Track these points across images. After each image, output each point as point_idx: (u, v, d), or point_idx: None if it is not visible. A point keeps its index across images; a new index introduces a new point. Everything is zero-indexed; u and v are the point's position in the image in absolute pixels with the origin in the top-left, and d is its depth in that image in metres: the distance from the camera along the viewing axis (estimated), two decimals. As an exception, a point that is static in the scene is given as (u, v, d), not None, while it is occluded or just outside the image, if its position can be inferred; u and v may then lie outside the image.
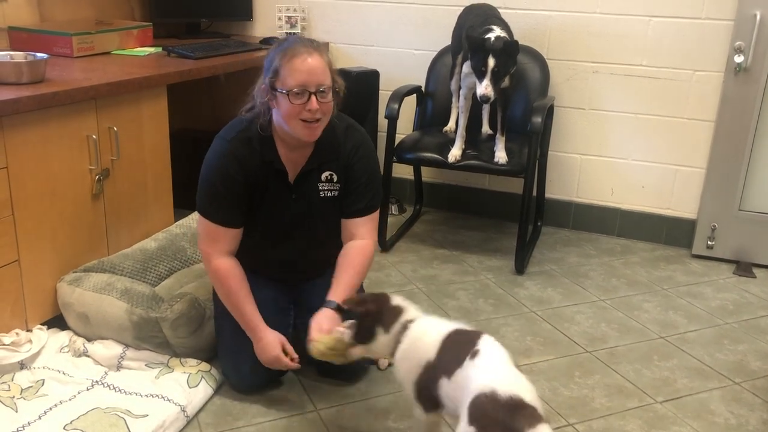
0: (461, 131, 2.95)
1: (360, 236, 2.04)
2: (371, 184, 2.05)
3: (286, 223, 2.03)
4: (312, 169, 2.00)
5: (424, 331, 1.68)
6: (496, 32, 2.69)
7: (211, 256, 1.96)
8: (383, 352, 1.75)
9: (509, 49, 2.68)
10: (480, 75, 2.68)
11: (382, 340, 1.72)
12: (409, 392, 1.69)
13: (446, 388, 1.57)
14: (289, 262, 2.11)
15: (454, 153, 2.91)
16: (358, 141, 2.04)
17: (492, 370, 1.53)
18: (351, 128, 2.05)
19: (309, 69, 1.81)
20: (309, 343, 1.82)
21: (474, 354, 1.55)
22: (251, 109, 1.96)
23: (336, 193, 2.04)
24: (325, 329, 1.83)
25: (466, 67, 2.85)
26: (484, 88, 2.66)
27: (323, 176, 2.01)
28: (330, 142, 2.00)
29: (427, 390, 1.64)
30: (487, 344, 1.59)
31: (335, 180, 2.03)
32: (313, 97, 1.82)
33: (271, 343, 1.94)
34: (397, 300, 1.77)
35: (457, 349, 1.59)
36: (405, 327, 1.70)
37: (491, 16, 2.93)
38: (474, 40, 2.68)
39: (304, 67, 1.80)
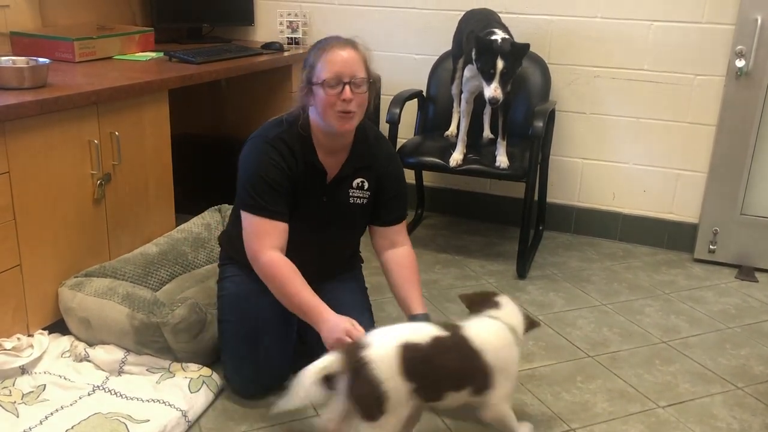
0: (462, 135, 2.95)
1: (401, 243, 2.11)
2: (404, 193, 2.13)
3: (313, 225, 2.03)
4: (347, 175, 2.02)
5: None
6: (501, 35, 2.69)
7: (259, 253, 1.88)
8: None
9: (517, 52, 2.69)
10: (488, 77, 2.67)
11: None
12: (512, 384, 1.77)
13: None
14: (305, 264, 2.10)
15: (456, 157, 2.91)
16: (390, 150, 2.11)
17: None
18: (381, 138, 2.11)
19: (343, 60, 1.84)
20: None
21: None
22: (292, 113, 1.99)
23: (365, 200, 2.06)
24: None
25: (468, 71, 2.86)
26: (493, 90, 2.66)
27: (355, 183, 2.04)
28: (364, 149, 2.03)
29: None
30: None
31: (366, 188, 2.05)
32: (347, 87, 1.85)
33: (333, 324, 1.78)
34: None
35: None
36: None
37: (492, 20, 2.93)
38: (482, 41, 2.67)
39: (338, 58, 1.84)
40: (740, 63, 2.92)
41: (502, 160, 2.88)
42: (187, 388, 2.00)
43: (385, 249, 2.11)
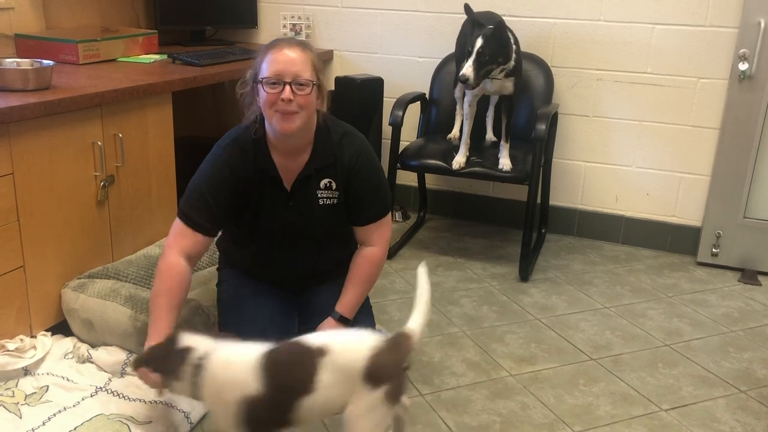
0: (465, 138, 2.95)
1: (371, 243, 2.05)
2: (378, 191, 2.04)
3: (285, 230, 2.02)
4: (309, 176, 1.98)
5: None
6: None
7: (167, 252, 1.91)
8: None
9: (499, 35, 2.68)
10: (467, 56, 2.69)
11: None
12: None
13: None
14: (291, 269, 2.11)
15: (459, 160, 2.92)
16: (357, 148, 2.01)
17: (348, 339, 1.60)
18: (348, 135, 2.02)
19: (286, 60, 1.82)
20: None
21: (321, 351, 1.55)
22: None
23: (335, 200, 2.02)
24: None
25: None
26: (466, 68, 2.66)
27: (322, 183, 2.00)
28: (326, 149, 1.98)
29: None
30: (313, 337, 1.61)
31: (334, 188, 2.01)
32: (288, 87, 1.82)
33: (152, 349, 1.74)
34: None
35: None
36: None
37: (495, 21, 2.93)
38: (466, 23, 2.70)
39: (282, 57, 1.82)
40: (743, 66, 2.92)
41: (504, 162, 2.88)
42: (190, 390, 2.00)
43: (359, 245, 2.09)
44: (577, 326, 2.60)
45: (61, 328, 2.25)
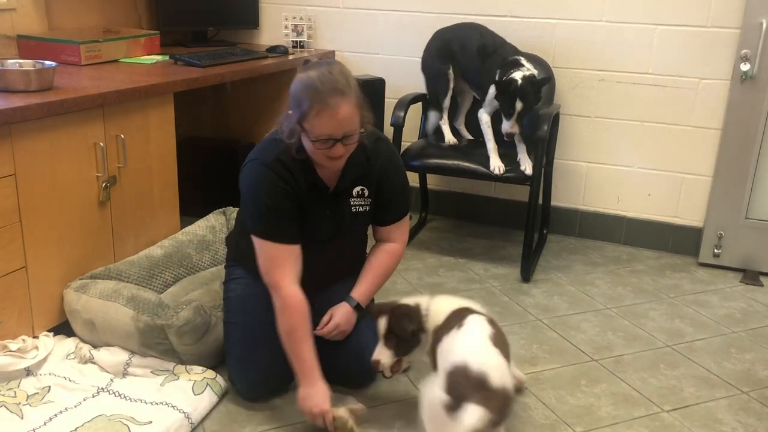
0: (493, 144, 2.94)
1: (392, 240, 2.11)
2: (404, 192, 2.09)
3: (318, 238, 2.02)
4: (345, 187, 2.01)
5: (437, 309, 1.93)
6: (522, 72, 2.80)
7: (281, 284, 1.86)
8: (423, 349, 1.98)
9: (536, 89, 2.81)
10: (507, 115, 2.82)
11: (424, 338, 1.95)
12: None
13: (438, 349, 1.84)
14: (311, 270, 2.11)
15: (497, 164, 2.90)
16: (387, 154, 2.04)
17: (469, 346, 1.75)
18: (380, 141, 2.04)
19: (339, 121, 1.76)
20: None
21: (460, 326, 1.81)
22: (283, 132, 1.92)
23: (367, 208, 2.05)
24: (336, 323, 2.00)
25: (492, 90, 2.93)
26: (510, 127, 2.83)
27: (355, 191, 2.02)
28: (360, 160, 1.99)
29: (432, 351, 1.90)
30: (473, 321, 1.83)
31: (367, 195, 2.04)
32: (339, 144, 1.80)
33: (321, 394, 1.85)
34: (407, 300, 1.98)
35: (451, 320, 1.86)
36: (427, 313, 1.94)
37: (492, 41, 3.02)
38: (501, 84, 2.80)
39: (334, 121, 1.76)
40: (745, 67, 2.92)
41: (526, 165, 2.89)
42: (191, 391, 2.00)
43: (378, 241, 2.14)
44: (578, 327, 2.59)
45: (63, 328, 2.26)
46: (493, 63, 2.92)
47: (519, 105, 2.77)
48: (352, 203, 2.03)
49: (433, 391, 1.67)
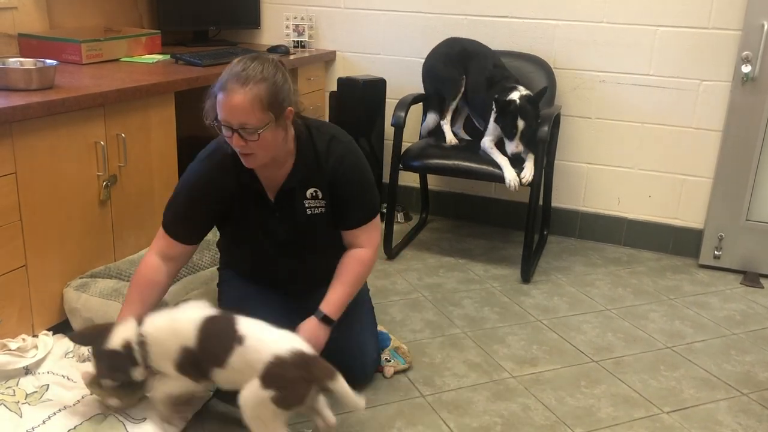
0: (502, 158, 2.91)
1: (359, 245, 2.03)
2: (365, 194, 2.02)
3: (274, 239, 2.01)
4: (293, 188, 1.96)
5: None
6: (519, 92, 2.87)
7: (150, 250, 2.00)
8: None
9: (533, 104, 2.86)
10: (510, 135, 2.86)
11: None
12: None
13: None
14: (285, 275, 2.10)
15: (512, 177, 2.86)
16: (340, 153, 1.97)
17: (267, 339, 1.73)
18: (334, 140, 1.98)
19: (231, 107, 1.76)
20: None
21: (240, 339, 1.73)
22: None
23: (323, 209, 2.00)
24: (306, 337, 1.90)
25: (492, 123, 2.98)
26: (515, 147, 2.86)
27: (308, 193, 1.98)
28: (309, 159, 1.95)
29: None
30: (245, 323, 1.77)
31: (320, 196, 1.99)
32: (236, 134, 1.78)
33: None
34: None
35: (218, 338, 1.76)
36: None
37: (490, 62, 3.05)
38: (500, 103, 2.85)
39: (227, 105, 1.76)
40: (746, 69, 2.91)
41: (528, 173, 2.87)
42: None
43: (348, 247, 2.06)
44: (578, 328, 2.59)
45: (63, 327, 2.26)
46: (495, 91, 2.96)
47: (521, 123, 2.81)
48: (306, 205, 1.98)
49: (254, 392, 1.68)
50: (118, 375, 1.82)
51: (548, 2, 3.23)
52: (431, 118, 3.24)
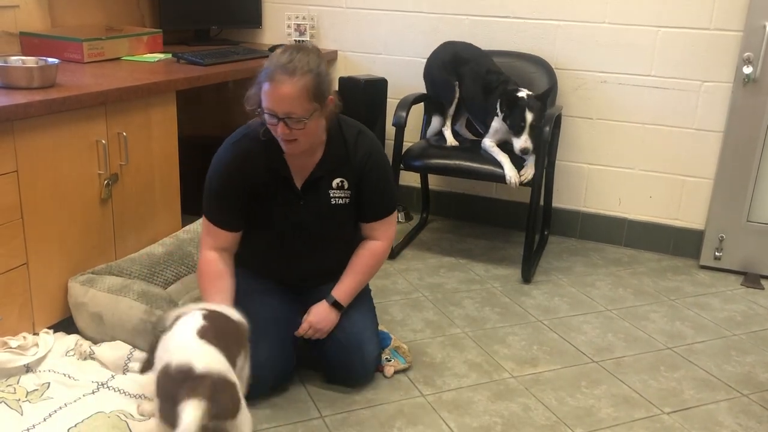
0: (503, 156, 2.92)
1: (375, 237, 2.11)
2: (387, 190, 2.09)
3: (296, 228, 2.04)
4: (321, 176, 2.01)
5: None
6: (524, 91, 2.87)
7: (203, 248, 2.04)
8: None
9: (541, 101, 2.86)
10: (518, 130, 2.84)
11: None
12: None
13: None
14: (298, 266, 2.12)
15: (512, 174, 2.86)
16: (369, 148, 2.05)
17: (173, 345, 1.61)
18: (361, 134, 2.06)
19: (278, 97, 1.81)
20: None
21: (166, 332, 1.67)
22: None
23: (347, 200, 2.05)
24: (309, 320, 2.03)
25: (495, 123, 2.97)
26: (524, 142, 2.83)
27: (334, 183, 2.03)
28: (339, 150, 2.01)
29: None
30: (180, 323, 1.67)
31: (346, 187, 2.04)
32: (281, 123, 1.83)
33: None
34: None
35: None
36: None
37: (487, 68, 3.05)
38: (509, 96, 2.86)
39: (274, 95, 1.81)
40: (747, 70, 2.91)
41: (528, 173, 2.88)
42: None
43: (363, 239, 2.14)
44: (579, 328, 2.59)
45: (63, 325, 2.26)
46: (495, 97, 2.96)
47: (530, 116, 2.80)
48: (331, 195, 2.03)
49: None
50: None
51: (550, 3, 3.23)
52: (436, 121, 3.23)
